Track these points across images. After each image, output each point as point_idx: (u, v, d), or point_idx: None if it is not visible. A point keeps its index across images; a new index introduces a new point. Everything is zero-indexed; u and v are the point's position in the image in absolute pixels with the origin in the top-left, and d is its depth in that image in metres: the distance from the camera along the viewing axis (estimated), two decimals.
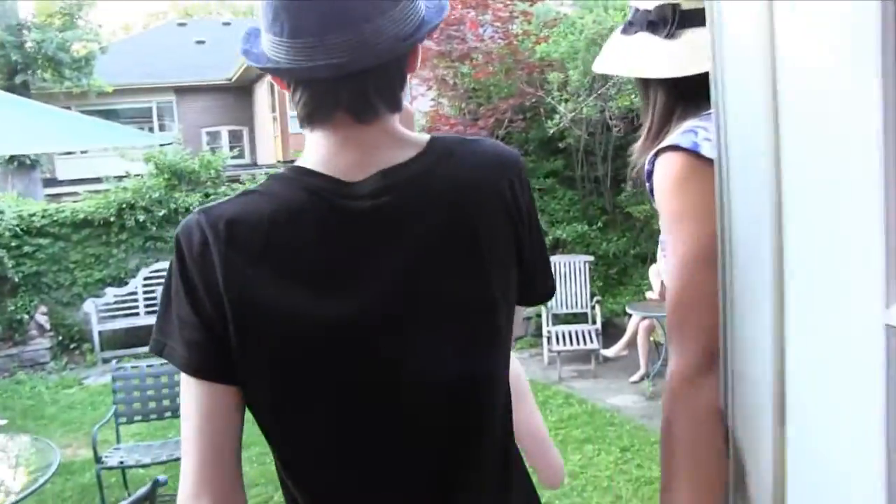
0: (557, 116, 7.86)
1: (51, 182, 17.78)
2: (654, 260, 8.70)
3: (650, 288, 7.62)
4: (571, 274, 8.26)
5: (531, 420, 1.37)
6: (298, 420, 1.02)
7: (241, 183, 10.09)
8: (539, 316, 7.91)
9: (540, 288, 1.19)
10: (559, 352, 7.31)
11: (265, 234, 0.97)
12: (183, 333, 0.99)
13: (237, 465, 1.03)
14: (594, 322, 7.82)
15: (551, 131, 8.05)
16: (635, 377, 7.06)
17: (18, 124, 4.85)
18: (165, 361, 0.98)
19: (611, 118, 7.74)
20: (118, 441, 4.97)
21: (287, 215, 0.98)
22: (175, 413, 4.98)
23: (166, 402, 4.97)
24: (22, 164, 14.58)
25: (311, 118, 1.02)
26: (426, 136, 1.07)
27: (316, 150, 1.03)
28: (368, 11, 0.95)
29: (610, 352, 7.37)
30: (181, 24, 26.45)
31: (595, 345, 7.38)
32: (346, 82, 0.98)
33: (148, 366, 5.05)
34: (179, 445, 3.90)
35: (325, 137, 1.02)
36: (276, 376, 0.99)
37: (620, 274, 9.16)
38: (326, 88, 0.99)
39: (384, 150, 1.02)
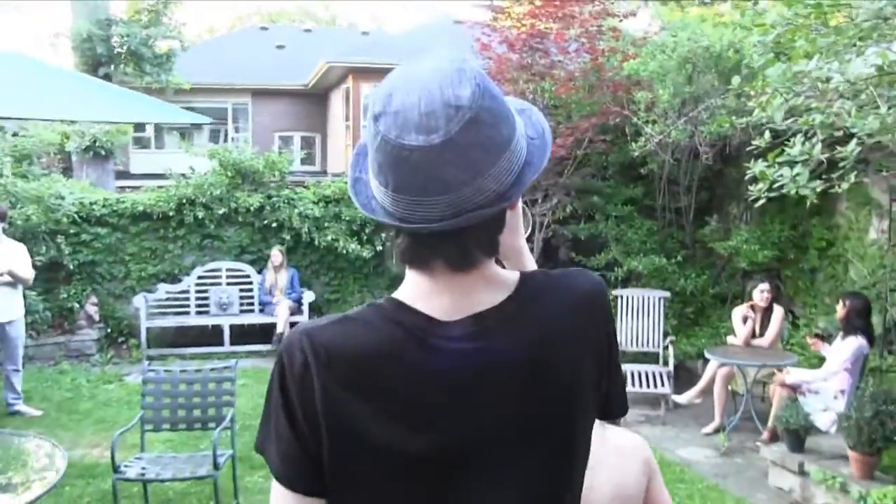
0: (643, 139, 7.31)
1: (123, 174, 17.92)
2: (735, 301, 8.07)
3: (730, 332, 7.01)
4: (644, 309, 7.68)
5: (662, 496, 1.54)
6: None
7: (305, 187, 9.79)
8: None
9: (614, 411, 1.22)
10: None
11: (362, 366, 1.01)
12: (280, 445, 1.04)
13: None
14: (666, 363, 7.21)
15: (635, 154, 7.51)
16: (708, 429, 6.44)
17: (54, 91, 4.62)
18: (200, 368, 1.58)
19: (700, 144, 7.15)
20: (142, 448, 4.60)
21: (382, 350, 1.02)
22: (205, 425, 4.61)
23: (197, 413, 4.59)
24: (97, 155, 14.68)
25: (409, 261, 1.06)
26: (516, 276, 1.11)
27: (413, 287, 1.07)
28: (468, 175, 0.96)
29: (682, 398, 6.74)
30: (263, 29, 26.68)
31: (666, 389, 6.78)
32: (446, 236, 1.00)
33: (181, 371, 4.70)
34: (207, 460, 3.48)
35: (422, 278, 1.06)
36: (364, 500, 1.04)
37: (697, 313, 8.51)
38: (426, 239, 1.02)
39: (477, 294, 1.06)
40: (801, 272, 7.83)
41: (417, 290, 1.06)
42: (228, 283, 9.20)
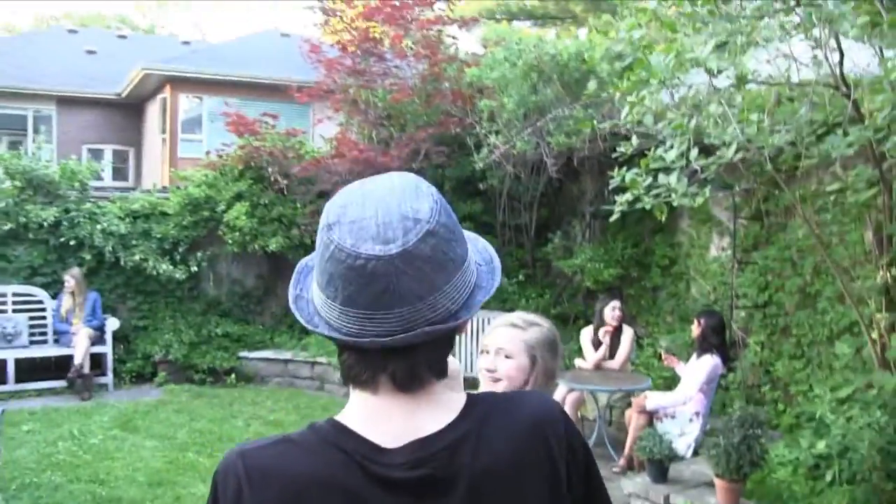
0: (485, 150, 6.89)
1: None
2: (578, 321, 7.84)
3: (575, 354, 6.69)
4: (483, 332, 7.23)
5: None
6: None
7: (110, 201, 8.66)
8: None
9: None
10: None
11: (300, 494, 0.95)
12: None
13: None
14: None
15: (478, 166, 7.09)
16: None
17: None
18: None
19: (546, 156, 6.82)
20: None
21: (322, 477, 0.96)
22: None
23: None
24: None
25: (354, 380, 1.01)
26: (463, 399, 1.04)
27: (357, 409, 1.02)
28: (424, 290, 0.94)
29: None
30: (72, 31, 24.43)
31: None
32: (395, 354, 0.97)
33: None
34: None
35: (367, 399, 1.01)
36: None
37: None
38: (373, 357, 0.98)
39: (422, 417, 1.00)
40: (643, 290, 7.71)
41: (362, 413, 1.01)
42: (15, 310, 7.90)
